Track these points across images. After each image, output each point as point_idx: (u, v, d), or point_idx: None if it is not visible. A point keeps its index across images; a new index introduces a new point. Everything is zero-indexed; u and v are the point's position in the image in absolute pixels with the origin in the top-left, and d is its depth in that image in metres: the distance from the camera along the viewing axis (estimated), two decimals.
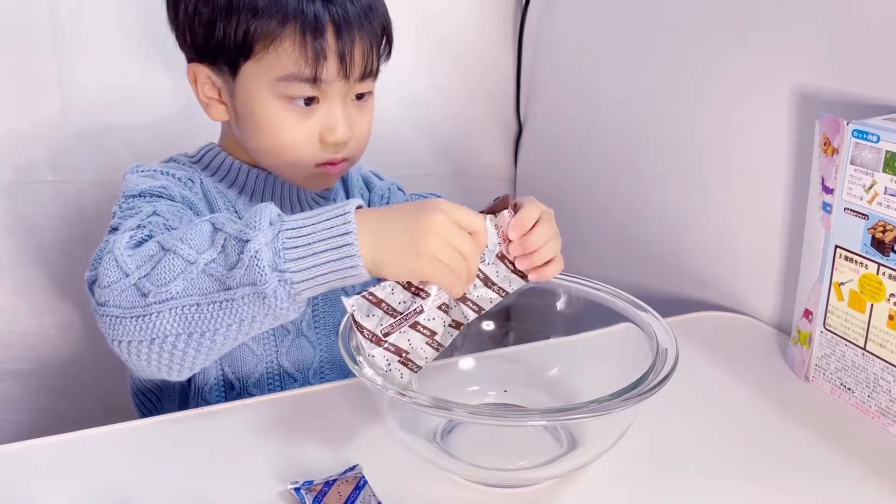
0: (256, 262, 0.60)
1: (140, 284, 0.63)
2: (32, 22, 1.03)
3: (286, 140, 0.80)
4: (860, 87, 0.77)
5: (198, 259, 0.62)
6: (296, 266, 0.60)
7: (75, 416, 1.16)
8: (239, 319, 0.62)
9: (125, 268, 0.64)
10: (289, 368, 0.87)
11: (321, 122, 0.80)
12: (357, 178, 0.98)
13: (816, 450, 0.70)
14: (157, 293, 0.62)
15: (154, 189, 0.77)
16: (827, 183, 0.74)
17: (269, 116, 0.79)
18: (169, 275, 0.62)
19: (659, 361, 0.63)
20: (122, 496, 0.63)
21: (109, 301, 0.64)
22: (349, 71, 0.78)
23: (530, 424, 0.66)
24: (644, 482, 0.66)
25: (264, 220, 0.62)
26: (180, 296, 0.62)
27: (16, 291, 1.10)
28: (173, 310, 0.62)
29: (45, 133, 1.07)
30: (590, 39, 1.16)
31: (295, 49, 0.76)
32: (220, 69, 0.81)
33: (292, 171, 0.84)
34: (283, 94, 0.78)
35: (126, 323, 0.63)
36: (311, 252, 0.60)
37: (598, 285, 0.73)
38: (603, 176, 1.15)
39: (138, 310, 0.63)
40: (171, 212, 0.74)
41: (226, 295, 0.62)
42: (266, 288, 0.60)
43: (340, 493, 0.61)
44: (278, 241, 0.61)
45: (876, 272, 0.71)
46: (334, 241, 0.61)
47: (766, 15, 0.86)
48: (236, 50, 0.78)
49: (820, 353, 0.78)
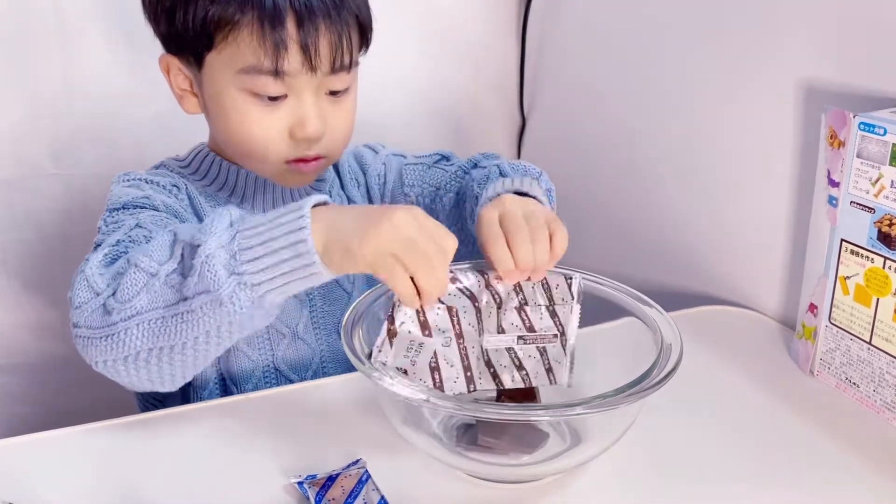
0: (208, 266, 0.58)
1: (107, 303, 0.62)
2: (37, 15, 1.03)
3: (253, 134, 0.76)
4: (867, 80, 0.76)
5: (159, 271, 0.60)
6: (253, 267, 0.58)
7: (78, 411, 1.16)
8: (204, 331, 0.60)
9: (95, 287, 0.63)
10: (285, 371, 0.86)
11: (290, 116, 0.76)
12: (350, 162, 0.93)
13: (821, 444, 0.70)
14: (121, 310, 0.61)
15: (137, 200, 0.76)
16: (833, 176, 0.74)
17: (236, 110, 0.76)
18: (132, 290, 0.60)
19: (663, 356, 0.62)
20: (124, 490, 0.63)
21: (80, 322, 0.63)
22: (315, 63, 0.73)
23: (534, 420, 0.66)
24: (648, 477, 0.66)
25: (222, 224, 0.60)
26: (145, 310, 0.60)
27: (18, 285, 1.10)
28: (140, 325, 0.61)
29: (48, 126, 1.07)
30: (593, 32, 1.15)
31: (253, 39, 0.72)
32: (187, 60, 0.78)
33: (261, 167, 0.81)
34: (247, 87, 0.74)
35: (97, 343, 0.62)
36: (268, 251, 0.58)
37: (601, 280, 0.73)
38: (606, 169, 1.14)
39: (106, 329, 0.62)
40: (154, 222, 0.73)
41: (185, 306, 0.60)
42: (221, 293, 0.58)
43: (344, 487, 0.61)
44: (234, 243, 0.58)
45: (882, 266, 0.70)
46: (289, 237, 0.58)
47: (773, 8, 0.85)
48: (197, 39, 0.75)
49: (825, 347, 0.78)
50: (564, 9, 1.20)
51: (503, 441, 0.63)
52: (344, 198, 0.92)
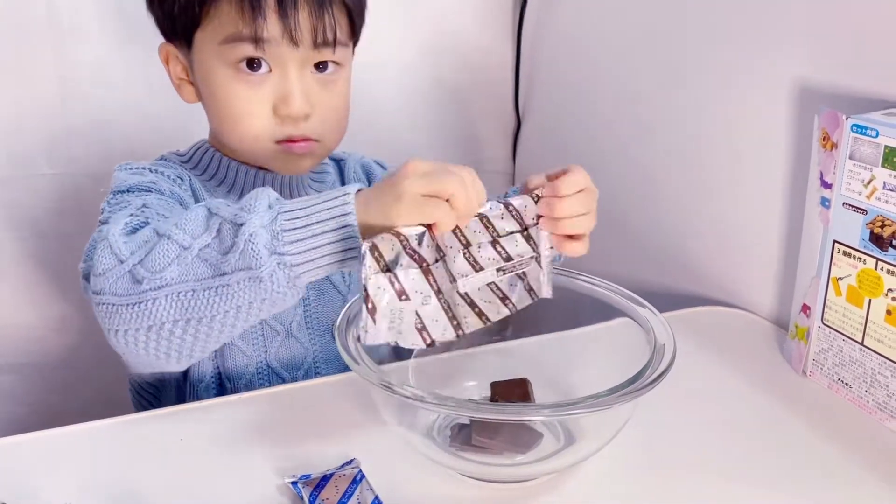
0: (251, 245, 0.59)
1: (135, 271, 0.62)
2: (31, 13, 1.03)
3: (238, 110, 0.78)
4: (859, 82, 0.77)
5: (192, 244, 0.61)
6: (294, 248, 0.60)
7: (73, 410, 1.15)
8: (236, 305, 0.62)
9: (120, 254, 0.63)
10: (277, 369, 0.86)
11: (274, 92, 0.77)
12: (356, 168, 0.96)
13: (814, 445, 0.70)
14: (151, 279, 0.61)
15: (143, 184, 0.76)
16: (826, 178, 0.74)
17: (222, 87, 0.77)
18: (163, 261, 0.61)
19: (656, 356, 0.63)
20: (119, 489, 0.63)
21: (105, 289, 0.63)
22: (295, 35, 0.75)
23: (528, 420, 0.66)
24: (641, 477, 0.66)
25: (262, 204, 0.61)
26: (175, 282, 0.61)
27: (13, 284, 1.10)
28: (169, 296, 0.62)
29: (42, 125, 1.07)
30: (588, 33, 1.15)
31: (232, 8, 0.74)
32: (180, 44, 0.80)
33: (252, 148, 0.80)
34: (230, 59, 0.76)
35: (122, 311, 0.63)
36: (311, 234, 0.60)
37: (595, 280, 0.73)
38: (601, 170, 1.13)
39: (134, 297, 0.62)
40: (160, 205, 0.74)
41: (221, 280, 0.61)
42: (262, 272, 0.59)
43: (337, 487, 0.61)
44: (276, 224, 0.60)
45: (874, 267, 0.71)
46: (334, 221, 0.59)
47: (766, 9, 0.85)
48: (184, 16, 0.77)
49: (817, 347, 0.78)
50: (559, 11, 1.21)
51: (497, 441, 0.64)
52: None
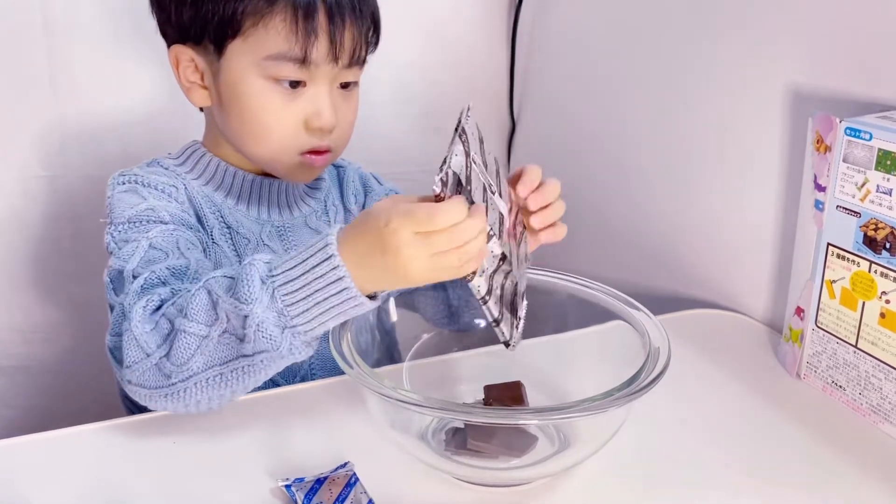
0: (262, 333, 0.60)
1: (161, 364, 0.64)
2: (25, 17, 1.03)
3: (270, 122, 0.79)
4: (853, 85, 0.77)
5: (209, 332, 0.62)
6: (303, 319, 0.60)
7: (65, 413, 1.16)
8: (264, 374, 0.64)
9: (146, 348, 0.64)
10: (275, 376, 0.85)
11: (307, 107, 0.79)
12: (354, 178, 0.97)
13: (808, 447, 0.70)
14: (178, 373, 0.63)
15: (142, 214, 0.76)
16: (819, 181, 0.74)
17: (255, 97, 0.78)
18: (186, 353, 0.63)
19: (651, 360, 0.63)
20: (112, 493, 0.63)
21: (134, 380, 0.65)
22: (338, 53, 0.78)
23: (523, 423, 0.66)
24: (636, 480, 0.66)
25: (255, 286, 0.60)
26: (202, 370, 0.63)
27: (6, 287, 1.10)
28: (199, 384, 0.64)
29: (36, 128, 1.06)
30: (583, 36, 1.16)
31: (286, 27, 0.76)
32: (205, 49, 0.80)
33: (276, 158, 0.82)
34: (270, 74, 0.77)
35: (156, 399, 0.65)
36: (314, 303, 0.60)
37: (589, 283, 0.73)
38: (596, 173, 1.15)
39: (164, 389, 0.64)
40: (165, 238, 0.74)
41: (245, 361, 0.63)
42: (281, 349, 0.61)
43: (331, 490, 0.61)
44: (277, 302, 0.60)
45: (868, 270, 0.71)
46: (331, 287, 0.59)
47: (760, 12, 0.86)
48: (223, 27, 0.77)
49: (811, 350, 0.79)
50: (554, 13, 1.21)
51: (492, 444, 0.64)
52: (340, 208, 0.95)
